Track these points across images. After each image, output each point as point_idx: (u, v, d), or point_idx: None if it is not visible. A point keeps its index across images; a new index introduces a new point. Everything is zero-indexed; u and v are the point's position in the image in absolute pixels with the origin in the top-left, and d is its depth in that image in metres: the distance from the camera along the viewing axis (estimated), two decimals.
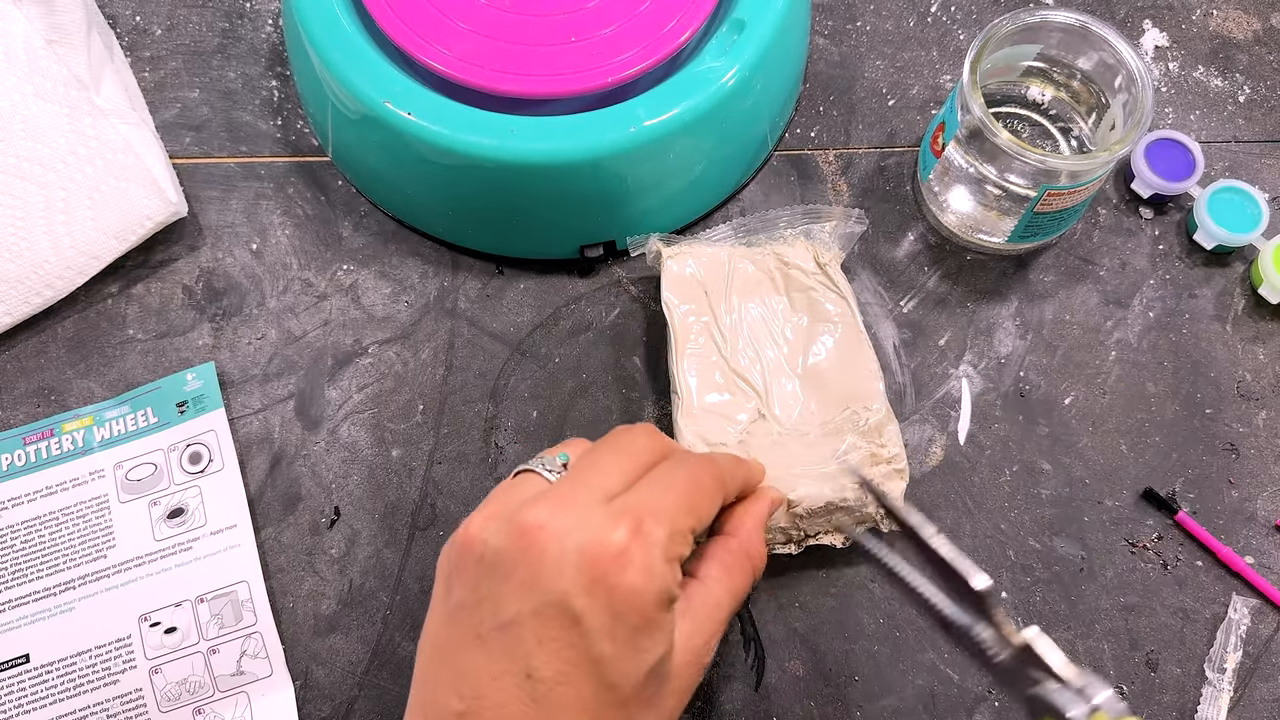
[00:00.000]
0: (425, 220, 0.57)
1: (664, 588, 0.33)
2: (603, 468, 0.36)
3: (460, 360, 0.55)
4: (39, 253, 0.54)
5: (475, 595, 0.34)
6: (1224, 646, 0.50)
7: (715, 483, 0.38)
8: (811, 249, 0.53)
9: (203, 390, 0.54)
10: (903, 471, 0.49)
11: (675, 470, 0.37)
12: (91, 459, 0.52)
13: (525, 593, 0.33)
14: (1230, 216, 0.56)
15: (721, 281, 0.53)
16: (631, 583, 0.32)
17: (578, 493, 0.35)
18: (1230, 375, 0.56)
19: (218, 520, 0.51)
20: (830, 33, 0.63)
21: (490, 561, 0.34)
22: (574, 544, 0.33)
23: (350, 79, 0.52)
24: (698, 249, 0.53)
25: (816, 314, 0.52)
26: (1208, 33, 0.64)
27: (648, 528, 0.33)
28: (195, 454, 0.52)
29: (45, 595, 0.50)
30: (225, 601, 0.50)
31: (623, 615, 0.33)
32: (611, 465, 0.36)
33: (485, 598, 0.34)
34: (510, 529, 0.34)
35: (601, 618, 0.33)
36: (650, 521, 0.34)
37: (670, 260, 0.53)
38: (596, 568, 0.32)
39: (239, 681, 0.49)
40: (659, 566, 0.33)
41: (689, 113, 0.51)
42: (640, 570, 0.33)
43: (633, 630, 0.33)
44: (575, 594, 0.32)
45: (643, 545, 0.33)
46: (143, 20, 0.63)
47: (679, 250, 0.53)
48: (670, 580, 0.34)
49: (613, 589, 0.32)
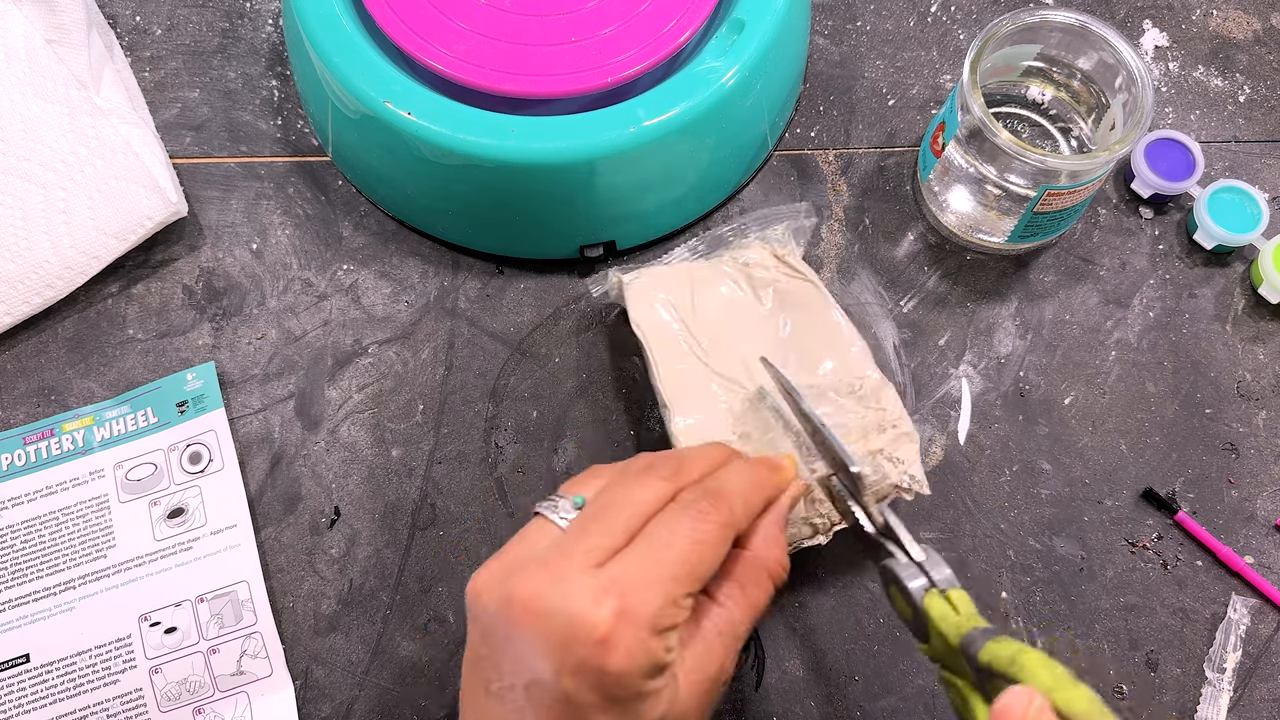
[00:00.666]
0: (425, 220, 0.57)
1: (652, 663, 0.33)
2: (603, 525, 0.36)
3: (460, 360, 0.55)
4: (39, 253, 0.54)
5: (481, 650, 0.35)
6: (1224, 646, 0.50)
7: (722, 531, 0.36)
8: (768, 247, 0.53)
9: (203, 390, 0.54)
10: (910, 434, 0.48)
11: (678, 525, 0.36)
12: (91, 459, 0.52)
13: (517, 666, 0.34)
14: (1230, 216, 0.56)
15: (686, 294, 0.52)
16: (616, 665, 0.32)
17: (571, 561, 0.34)
18: (1230, 375, 0.56)
19: (218, 520, 0.51)
20: (830, 33, 0.63)
21: (486, 626, 0.35)
22: (558, 626, 0.33)
23: (350, 79, 0.52)
24: (656, 270, 0.53)
25: (785, 301, 0.52)
26: (1208, 33, 0.64)
27: (634, 605, 0.33)
28: (195, 454, 0.52)
29: (45, 595, 0.50)
30: (225, 601, 0.50)
31: (611, 693, 0.33)
32: (613, 521, 0.36)
33: (485, 658, 0.35)
34: (501, 598, 0.34)
35: (590, 695, 0.33)
36: (639, 597, 0.33)
37: (631, 285, 0.52)
38: (580, 650, 0.32)
39: (239, 681, 0.49)
40: (646, 645, 0.33)
41: (689, 113, 0.51)
42: (624, 653, 0.32)
43: (624, 703, 0.33)
44: (561, 674, 0.33)
45: (628, 626, 0.33)
46: (143, 20, 0.63)
47: (638, 274, 0.52)
48: (659, 653, 0.33)
49: (598, 671, 0.32)
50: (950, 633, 0.36)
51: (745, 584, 0.38)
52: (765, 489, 0.40)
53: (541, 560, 0.35)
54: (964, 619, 0.36)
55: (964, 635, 0.35)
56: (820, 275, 0.57)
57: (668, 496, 0.37)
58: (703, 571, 0.36)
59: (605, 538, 0.35)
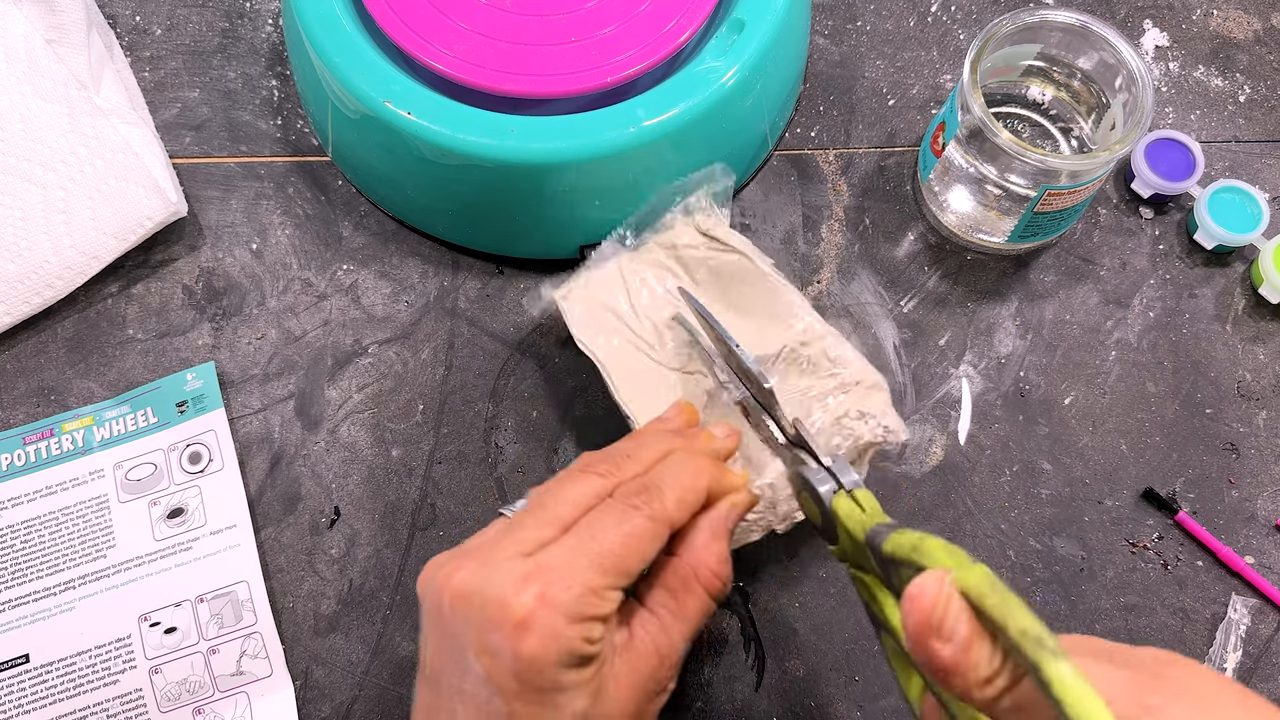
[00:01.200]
0: (425, 220, 0.57)
1: (568, 651, 0.33)
2: (536, 518, 0.36)
3: (460, 360, 0.55)
4: (39, 253, 0.54)
5: (422, 635, 0.36)
6: (1224, 646, 0.50)
7: (651, 524, 0.36)
8: (691, 222, 0.52)
9: (203, 390, 0.54)
10: (877, 384, 0.47)
11: (607, 517, 0.36)
12: (91, 459, 0.52)
13: (444, 650, 0.35)
14: (1230, 216, 0.56)
15: (622, 295, 0.51)
16: (530, 650, 0.32)
17: (498, 549, 0.35)
18: (1230, 375, 0.56)
19: (217, 520, 0.51)
20: (830, 33, 0.63)
21: (424, 610, 0.36)
22: (479, 608, 0.33)
23: (350, 79, 0.52)
24: (587, 277, 0.52)
25: (719, 276, 0.51)
26: (1208, 32, 0.64)
27: (554, 592, 0.33)
28: (195, 454, 0.52)
29: (45, 595, 0.50)
30: (225, 601, 0.50)
31: (528, 679, 0.33)
32: (546, 514, 0.36)
33: (424, 642, 0.36)
34: (434, 584, 0.35)
35: (508, 681, 0.33)
36: (559, 584, 0.33)
37: (565, 300, 0.51)
38: (498, 633, 0.33)
39: (239, 681, 0.49)
40: (563, 631, 0.33)
41: (689, 113, 0.51)
42: (539, 638, 0.33)
43: (541, 691, 0.33)
44: (480, 656, 0.33)
45: (546, 611, 0.33)
46: (143, 20, 0.63)
47: (570, 287, 0.52)
48: (576, 642, 0.33)
49: (514, 655, 0.33)
50: (856, 530, 0.37)
51: (676, 590, 0.38)
52: (701, 479, 0.39)
53: (474, 550, 0.35)
54: (869, 516, 0.37)
55: (869, 530, 0.36)
56: (820, 275, 0.57)
57: (605, 492, 0.37)
58: (630, 564, 0.35)
59: (537, 530, 0.35)
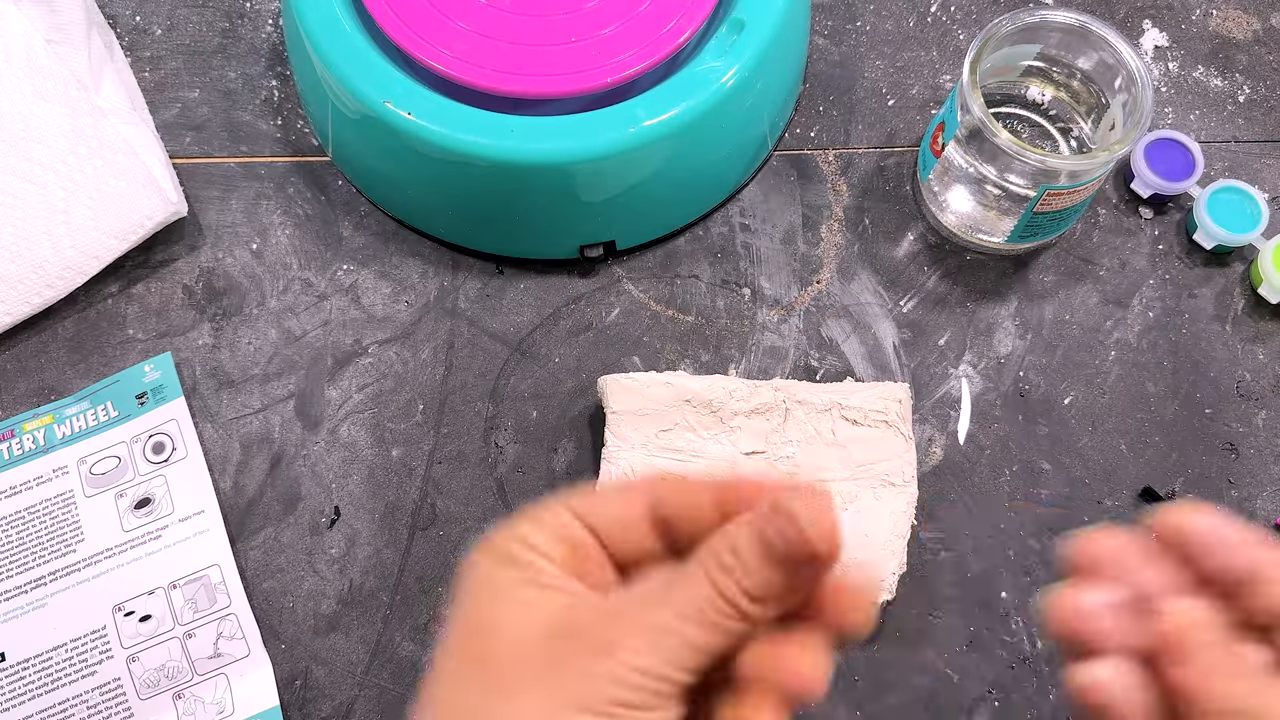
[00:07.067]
0: (425, 220, 0.57)
1: None
2: None
3: (460, 360, 0.55)
4: (39, 253, 0.54)
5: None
6: None
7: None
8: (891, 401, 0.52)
9: (161, 380, 0.54)
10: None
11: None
12: (54, 456, 0.52)
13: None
14: (1230, 216, 0.56)
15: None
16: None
17: None
18: (1230, 375, 0.56)
19: (185, 507, 0.51)
20: (830, 33, 0.63)
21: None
22: None
23: (350, 79, 0.52)
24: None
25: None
26: (1208, 33, 0.64)
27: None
28: (158, 444, 0.52)
29: (16, 594, 0.50)
30: (198, 586, 0.50)
31: None
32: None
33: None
34: None
35: None
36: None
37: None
38: None
39: (217, 664, 0.49)
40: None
41: (689, 113, 0.51)
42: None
43: None
44: None
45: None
46: (143, 20, 0.63)
47: None
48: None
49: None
50: None
51: None
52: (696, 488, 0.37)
53: None
54: None
55: None
56: (820, 275, 0.57)
57: None
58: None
59: None
